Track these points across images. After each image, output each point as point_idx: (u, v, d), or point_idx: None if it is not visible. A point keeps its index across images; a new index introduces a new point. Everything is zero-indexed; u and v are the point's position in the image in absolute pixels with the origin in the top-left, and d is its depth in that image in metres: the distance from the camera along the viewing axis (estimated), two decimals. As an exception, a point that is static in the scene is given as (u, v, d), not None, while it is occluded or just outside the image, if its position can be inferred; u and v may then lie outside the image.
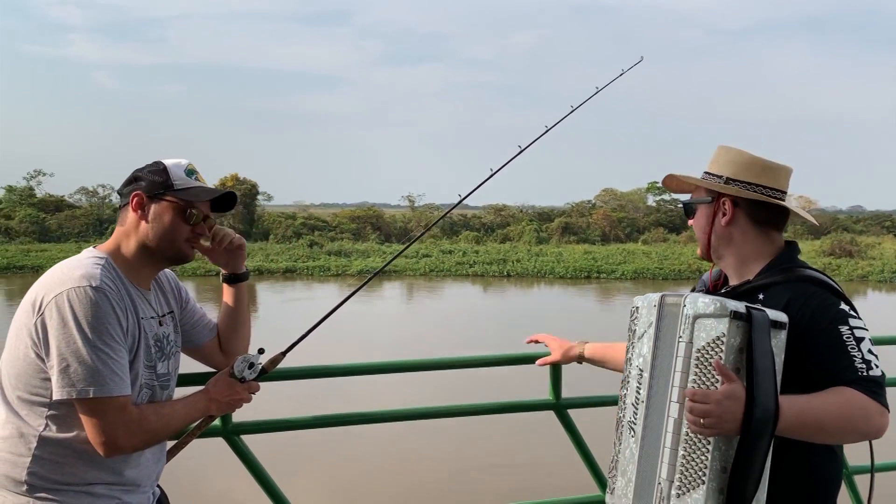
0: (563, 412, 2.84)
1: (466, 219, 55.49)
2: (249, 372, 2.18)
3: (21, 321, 1.93)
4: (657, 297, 1.93)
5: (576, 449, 2.90)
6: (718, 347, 1.73)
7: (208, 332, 2.34)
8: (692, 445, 1.74)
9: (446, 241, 49.25)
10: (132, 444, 1.94)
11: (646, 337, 1.92)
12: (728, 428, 1.69)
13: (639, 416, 1.90)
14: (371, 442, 9.51)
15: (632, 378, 1.95)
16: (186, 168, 2.11)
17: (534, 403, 2.90)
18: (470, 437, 9.77)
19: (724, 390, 1.69)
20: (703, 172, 2.11)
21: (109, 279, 1.95)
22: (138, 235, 2.06)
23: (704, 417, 1.68)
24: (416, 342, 18.14)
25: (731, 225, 2.03)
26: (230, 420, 2.44)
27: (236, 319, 2.37)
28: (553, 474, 8.29)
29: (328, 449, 9.50)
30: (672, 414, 1.78)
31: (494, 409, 2.91)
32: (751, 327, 1.73)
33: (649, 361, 1.89)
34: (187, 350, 2.32)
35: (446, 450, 9.66)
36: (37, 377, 1.90)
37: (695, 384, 1.75)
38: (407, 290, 32.60)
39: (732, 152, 2.05)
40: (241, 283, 2.38)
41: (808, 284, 1.89)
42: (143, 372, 2.02)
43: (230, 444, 2.47)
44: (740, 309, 1.74)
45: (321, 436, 8.59)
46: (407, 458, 9.55)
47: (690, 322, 1.78)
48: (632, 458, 1.89)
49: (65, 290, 1.88)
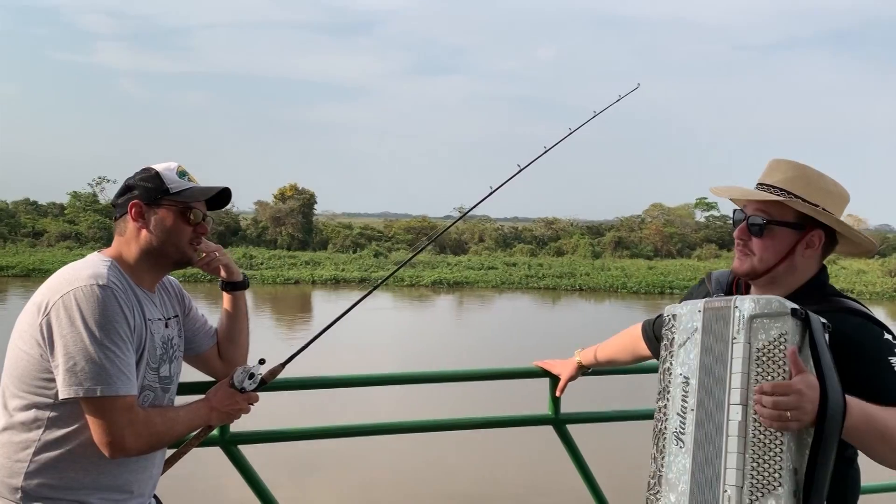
0: (563, 427, 2.78)
1: (518, 231, 55.92)
2: (249, 382, 2.17)
3: (26, 323, 1.90)
4: (701, 302, 1.84)
5: (574, 466, 2.84)
6: (782, 345, 1.66)
7: (209, 339, 2.32)
8: (761, 448, 1.65)
9: (501, 252, 49.70)
10: (138, 445, 1.91)
11: (690, 343, 1.83)
12: (809, 419, 1.62)
13: (687, 425, 1.79)
14: (367, 453, 9.43)
15: (674, 387, 1.85)
16: (178, 170, 2.09)
17: (532, 418, 2.85)
18: (473, 451, 9.65)
19: (803, 379, 1.62)
20: (778, 190, 1.93)
21: (116, 278, 1.94)
22: (140, 243, 2.04)
23: (790, 409, 1.60)
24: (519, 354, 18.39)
25: (805, 257, 1.92)
26: (228, 430, 2.40)
27: (235, 328, 2.34)
28: (549, 493, 8.34)
29: (325, 460, 9.44)
30: (734, 417, 1.69)
31: (492, 423, 2.87)
32: (810, 326, 1.68)
33: (696, 368, 1.79)
34: (188, 357, 2.29)
35: (447, 463, 9.63)
36: (40, 378, 1.87)
37: (758, 383, 1.68)
38: (483, 302, 32.91)
39: (825, 179, 1.93)
40: (239, 290, 2.35)
41: (850, 315, 1.84)
42: (147, 373, 2.01)
43: (227, 454, 2.44)
44: (798, 308, 1.69)
45: (318, 446, 8.42)
46: (405, 471, 9.49)
47: (746, 322, 1.71)
48: (683, 470, 1.77)
49: (72, 290, 1.86)
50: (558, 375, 2.70)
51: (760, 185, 1.96)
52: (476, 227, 54.25)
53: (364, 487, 9.11)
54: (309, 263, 42.01)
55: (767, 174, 1.97)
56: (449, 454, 9.75)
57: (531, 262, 44.60)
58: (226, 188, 2.15)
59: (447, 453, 9.75)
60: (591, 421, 2.87)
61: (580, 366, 2.65)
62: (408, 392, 9.24)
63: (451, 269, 42.02)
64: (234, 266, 2.31)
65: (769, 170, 1.97)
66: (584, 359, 2.63)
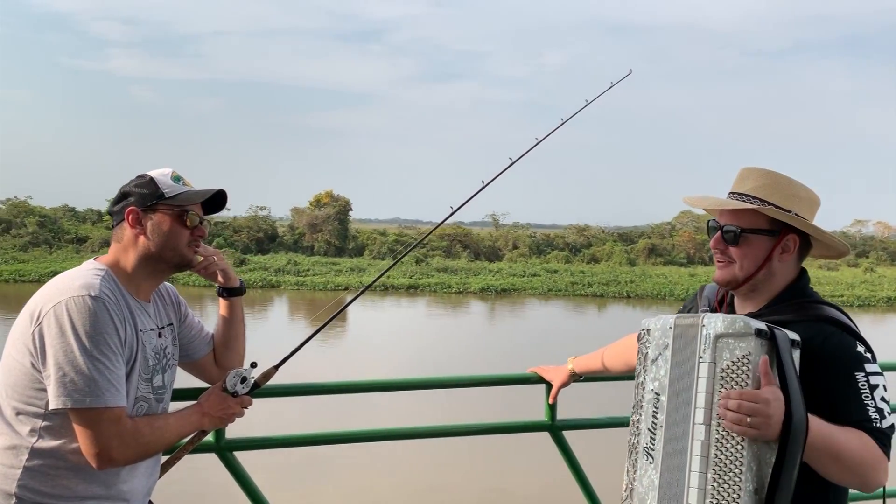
0: (559, 434, 2.77)
1: (550, 238, 56.19)
2: (242, 386, 2.16)
3: (19, 331, 1.91)
4: (671, 318, 1.86)
5: (571, 472, 2.84)
6: (745, 366, 1.69)
7: (206, 346, 2.32)
8: (722, 469, 1.68)
9: (536, 259, 49.97)
10: (125, 456, 1.92)
11: (661, 360, 1.85)
12: (772, 432, 1.64)
13: (657, 441, 1.82)
14: (364, 460, 9.44)
15: (646, 402, 1.87)
16: (172, 175, 2.10)
17: (528, 424, 2.84)
18: (469, 456, 9.65)
19: (771, 390, 1.64)
20: (750, 198, 1.95)
21: (109, 289, 1.94)
22: (138, 249, 2.05)
23: (753, 416, 1.63)
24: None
25: (782, 262, 1.95)
26: (223, 436, 2.39)
27: (231, 333, 2.34)
28: (545, 498, 8.30)
29: (322, 466, 9.37)
30: (698, 436, 1.72)
31: (488, 429, 2.85)
32: (776, 345, 1.70)
33: (666, 385, 1.82)
34: (184, 364, 2.30)
35: (442, 468, 9.58)
36: (32, 387, 1.88)
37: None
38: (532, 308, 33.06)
39: (795, 185, 1.96)
40: (236, 296, 2.34)
41: (825, 325, 1.83)
42: (140, 384, 2.01)
43: (223, 460, 2.43)
44: (763, 327, 1.71)
45: (315, 453, 8.40)
46: (403, 477, 9.45)
47: (712, 342, 1.73)
48: (651, 486, 1.81)
49: (63, 300, 1.86)
50: (551, 382, 2.69)
51: (732, 193, 1.99)
52: (510, 235, 54.62)
53: (361, 494, 9.05)
54: (354, 270, 42.22)
55: (739, 183, 1.99)
56: (448, 460, 9.68)
57: (572, 269, 44.81)
58: (221, 190, 2.15)
59: (447, 459, 9.69)
60: (586, 427, 2.87)
61: (573, 373, 2.63)
62: (418, 398, 9.14)
63: (495, 276, 42.23)
64: (232, 272, 2.31)
65: (740, 178, 1.99)
66: (578, 366, 2.62)
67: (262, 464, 3.64)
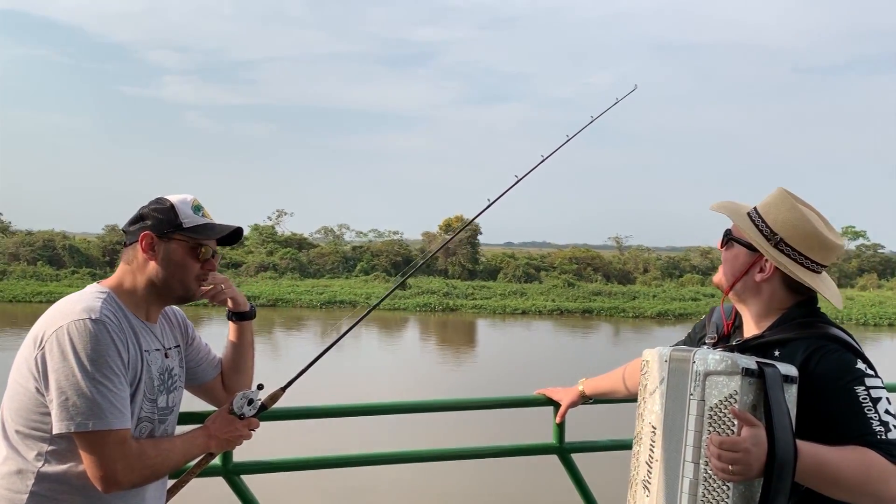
0: (567, 456, 2.73)
1: (674, 260, 55.75)
2: (249, 408, 2.14)
3: (23, 356, 1.90)
4: (667, 351, 1.87)
5: (579, 495, 2.79)
6: (732, 405, 1.68)
7: (213, 370, 2.30)
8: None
9: (669, 282, 49.53)
10: (131, 479, 1.90)
11: (657, 393, 1.86)
12: (755, 474, 1.65)
13: (653, 474, 1.83)
14: (372, 483, 9.37)
15: (644, 435, 1.90)
16: (193, 204, 2.07)
17: (536, 447, 2.80)
18: (477, 479, 9.58)
19: (750, 435, 1.64)
20: (755, 210, 1.99)
21: (111, 312, 1.92)
22: (146, 274, 2.03)
23: (734, 465, 1.64)
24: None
25: (765, 282, 1.94)
26: (231, 459, 2.38)
27: (240, 357, 2.32)
28: None
29: (329, 489, 9.27)
30: (687, 474, 1.72)
31: (496, 452, 2.80)
32: (764, 383, 1.68)
33: (661, 419, 1.84)
34: (191, 387, 2.27)
35: (450, 491, 9.52)
36: (37, 411, 1.87)
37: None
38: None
39: (796, 214, 1.93)
40: (246, 321, 2.32)
41: (825, 341, 1.82)
42: (144, 404, 1.99)
43: (230, 483, 2.40)
44: (751, 366, 1.69)
45: (320, 475, 8.31)
46: (409, 500, 9.41)
47: (701, 379, 1.73)
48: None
49: (65, 324, 1.85)
50: (560, 402, 2.68)
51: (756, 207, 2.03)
52: (638, 257, 54.18)
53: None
54: (516, 294, 42.15)
55: (765, 198, 2.03)
56: (457, 482, 9.62)
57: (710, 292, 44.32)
58: (238, 228, 2.13)
59: (456, 481, 9.61)
60: (595, 450, 2.83)
61: (582, 395, 2.62)
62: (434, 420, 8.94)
63: (657, 300, 41.94)
64: (242, 297, 2.30)
65: (769, 195, 2.02)
66: (588, 388, 2.61)
67: (270, 487, 3.59)
